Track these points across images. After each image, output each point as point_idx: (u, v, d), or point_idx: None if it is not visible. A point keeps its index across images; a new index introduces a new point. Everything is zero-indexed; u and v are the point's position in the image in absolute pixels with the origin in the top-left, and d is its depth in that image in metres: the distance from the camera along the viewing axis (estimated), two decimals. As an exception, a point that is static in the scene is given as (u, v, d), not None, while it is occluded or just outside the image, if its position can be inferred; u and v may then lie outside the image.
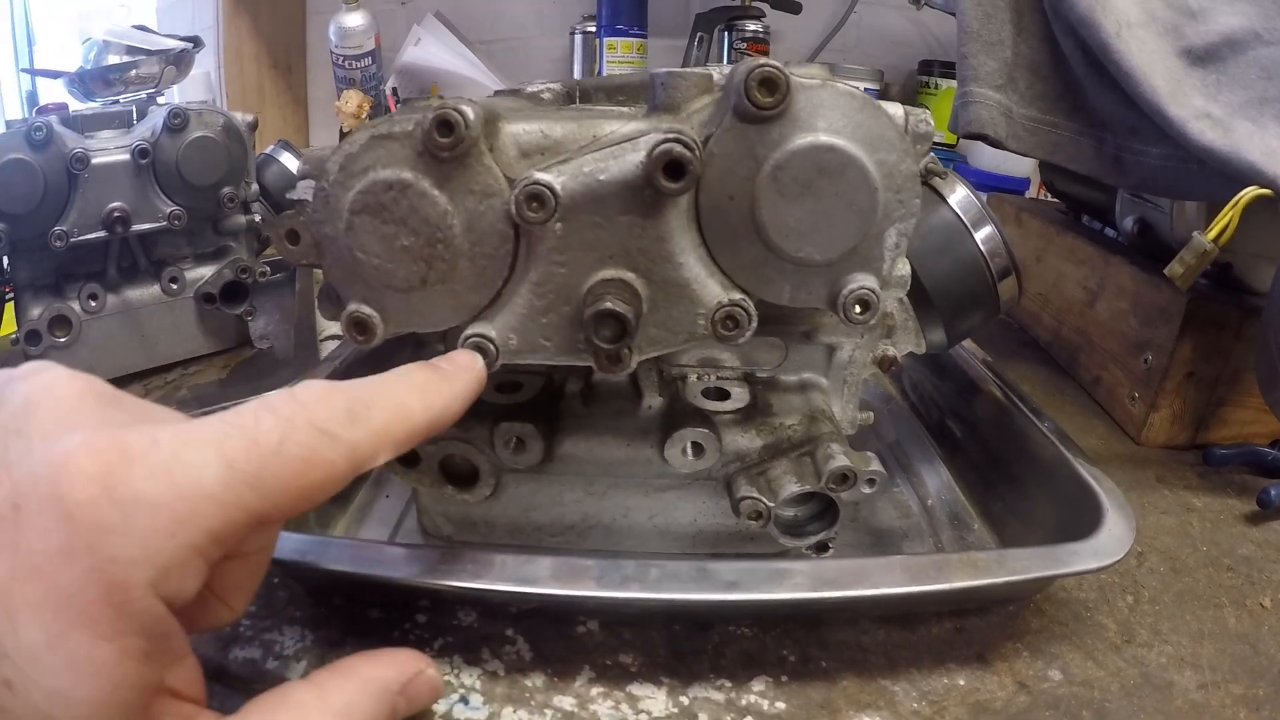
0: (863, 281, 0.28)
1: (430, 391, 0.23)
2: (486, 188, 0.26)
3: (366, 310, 0.28)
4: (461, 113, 0.25)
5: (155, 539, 0.17)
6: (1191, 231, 0.43)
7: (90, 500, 0.17)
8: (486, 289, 0.28)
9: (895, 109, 0.30)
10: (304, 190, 0.28)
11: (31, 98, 0.89)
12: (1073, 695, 0.31)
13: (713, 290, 0.27)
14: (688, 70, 0.29)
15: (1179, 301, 0.46)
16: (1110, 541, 0.32)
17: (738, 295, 0.27)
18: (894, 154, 0.27)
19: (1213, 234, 0.42)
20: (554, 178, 0.26)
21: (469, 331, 0.28)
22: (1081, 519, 0.34)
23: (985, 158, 0.99)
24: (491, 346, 0.28)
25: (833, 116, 0.26)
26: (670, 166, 0.24)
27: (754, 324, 0.27)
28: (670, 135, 0.25)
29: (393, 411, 0.21)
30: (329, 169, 0.27)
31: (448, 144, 0.25)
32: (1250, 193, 0.40)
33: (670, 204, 0.26)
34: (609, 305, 0.25)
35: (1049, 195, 0.70)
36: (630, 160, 0.26)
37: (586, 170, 0.26)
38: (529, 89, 0.38)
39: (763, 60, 0.26)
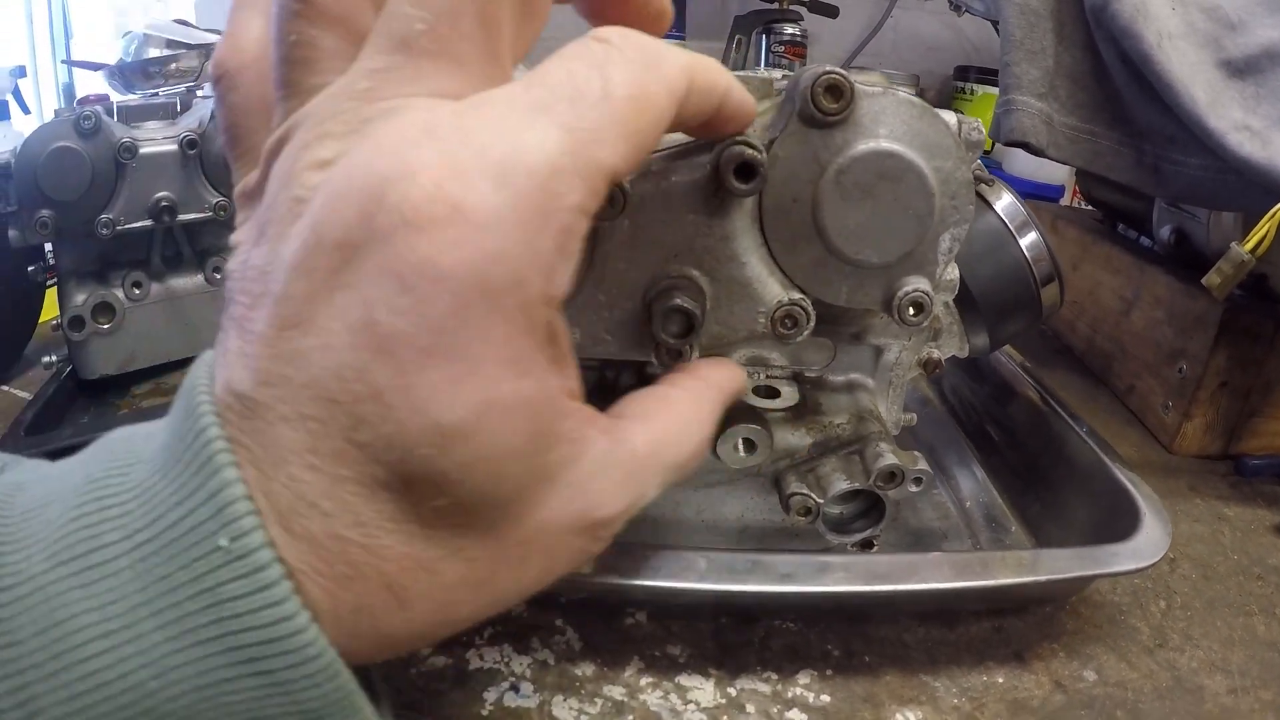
0: (917, 284, 0.28)
1: (714, 70, 0.20)
2: None
3: None
4: None
5: (538, 249, 0.15)
6: (1228, 242, 0.44)
7: (453, 242, 0.14)
8: (550, 284, 0.28)
9: (950, 116, 0.31)
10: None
11: (68, 90, 0.90)
12: (1107, 696, 0.32)
13: (773, 290, 0.28)
14: (748, 74, 0.30)
15: (1215, 311, 0.47)
16: (1148, 544, 0.32)
17: (797, 295, 0.28)
18: (950, 161, 0.28)
19: (1250, 245, 0.42)
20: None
21: (532, 325, 0.29)
22: (1118, 523, 0.34)
23: (1020, 164, 0.98)
24: (554, 340, 0.28)
25: (893, 123, 0.27)
26: (742, 168, 0.25)
27: (812, 323, 0.28)
28: (738, 139, 0.25)
29: (683, 55, 0.19)
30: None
31: None
32: (1288, 205, 0.41)
33: (736, 205, 0.27)
34: (679, 301, 0.26)
35: (1083, 203, 0.70)
36: (698, 161, 0.26)
37: (655, 169, 0.27)
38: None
39: (828, 67, 0.26)
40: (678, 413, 0.22)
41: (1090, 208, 0.69)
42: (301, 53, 0.17)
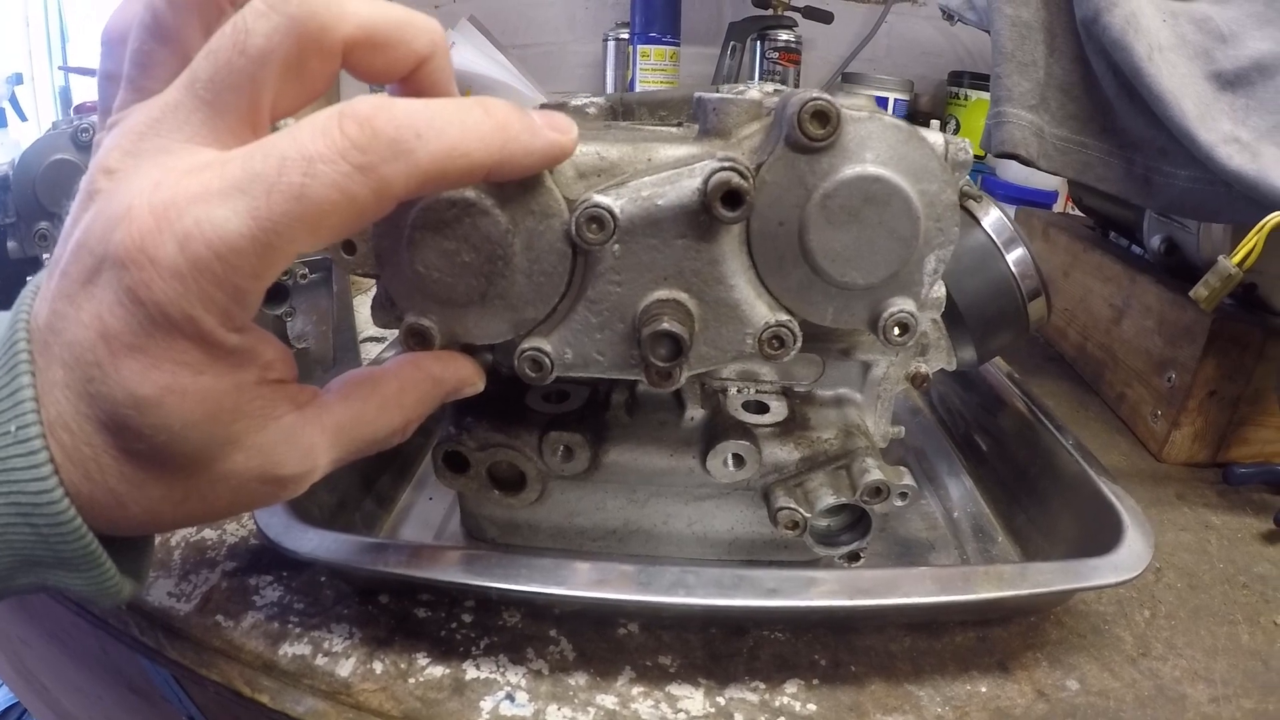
0: (902, 305, 0.29)
1: (503, 136, 0.22)
2: (546, 208, 0.28)
3: (425, 322, 0.29)
4: None
5: (212, 298, 0.20)
6: (1218, 252, 0.44)
7: (145, 283, 0.20)
8: (543, 305, 0.29)
9: (936, 138, 0.31)
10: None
11: (65, 95, 0.90)
12: (1089, 705, 0.32)
13: (760, 311, 0.28)
14: (737, 97, 0.30)
15: (1203, 321, 0.47)
16: (1130, 557, 0.33)
17: (784, 316, 0.28)
18: (935, 184, 0.28)
19: (1238, 258, 0.42)
20: (613, 201, 0.27)
21: (525, 345, 0.29)
22: (1103, 535, 0.35)
23: (1013, 171, 0.99)
24: (547, 360, 0.29)
25: (879, 148, 0.27)
26: (728, 196, 0.25)
27: (799, 344, 0.29)
28: (726, 164, 0.26)
29: (441, 141, 0.21)
30: (396, 188, 0.28)
31: None
32: (1276, 217, 0.41)
33: (724, 229, 0.27)
34: (666, 326, 0.26)
35: (1076, 209, 0.70)
36: (687, 186, 0.27)
37: (644, 195, 0.27)
38: (574, 103, 0.39)
39: (814, 93, 0.27)
40: (381, 395, 0.26)
41: (1082, 215, 0.70)
42: (142, 58, 0.23)
